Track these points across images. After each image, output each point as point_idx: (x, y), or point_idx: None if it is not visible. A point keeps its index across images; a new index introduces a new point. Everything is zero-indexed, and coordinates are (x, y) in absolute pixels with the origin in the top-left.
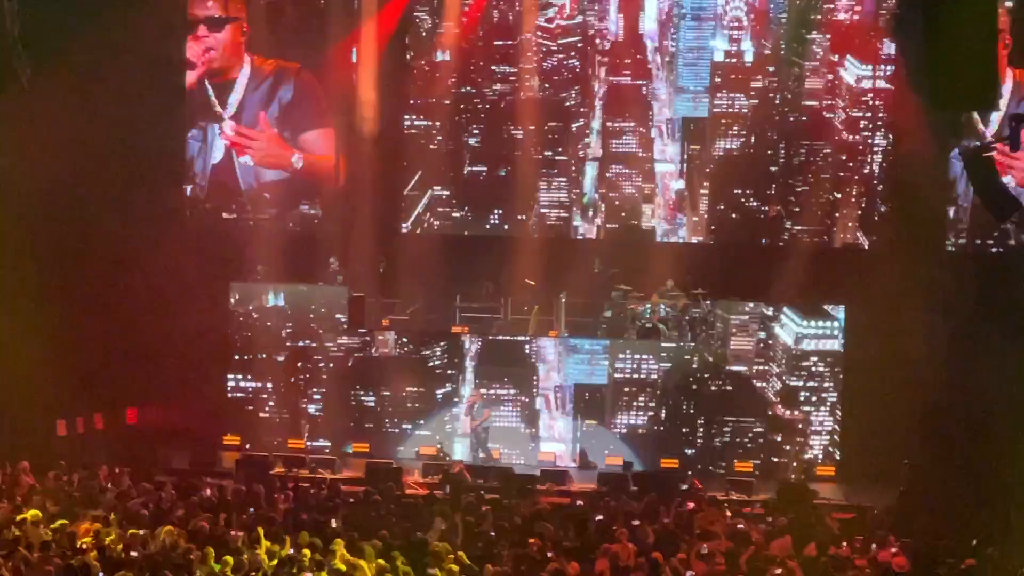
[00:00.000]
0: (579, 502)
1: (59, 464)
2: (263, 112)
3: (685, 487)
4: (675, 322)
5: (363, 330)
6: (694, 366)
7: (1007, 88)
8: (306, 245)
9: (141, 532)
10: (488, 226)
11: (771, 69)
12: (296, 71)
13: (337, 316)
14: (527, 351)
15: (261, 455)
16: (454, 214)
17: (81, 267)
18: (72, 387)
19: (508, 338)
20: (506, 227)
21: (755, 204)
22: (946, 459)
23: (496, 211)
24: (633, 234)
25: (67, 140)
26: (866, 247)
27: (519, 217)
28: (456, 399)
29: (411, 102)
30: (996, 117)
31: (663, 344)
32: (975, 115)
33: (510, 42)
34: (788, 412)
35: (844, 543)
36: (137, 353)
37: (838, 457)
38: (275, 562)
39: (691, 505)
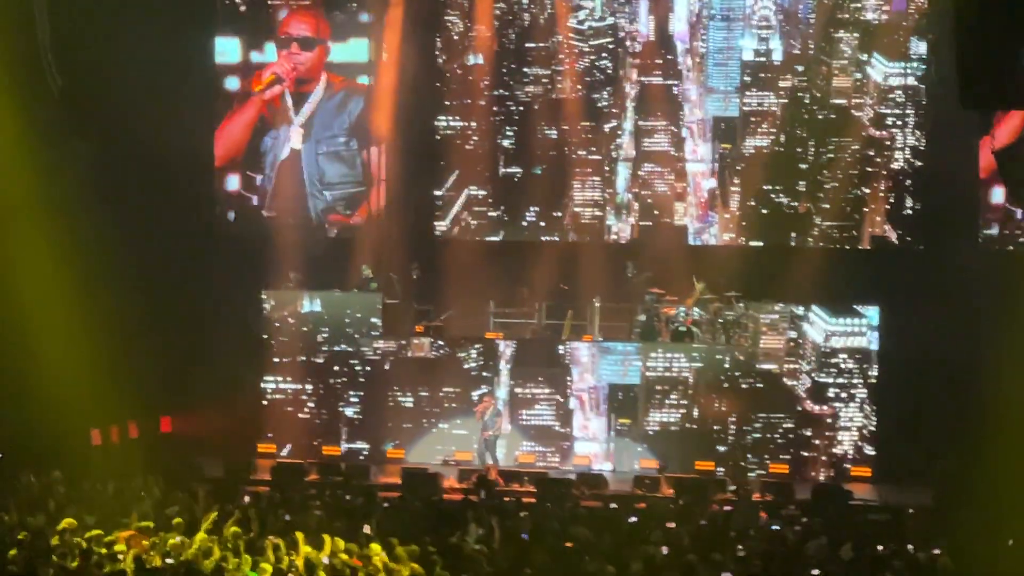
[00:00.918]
0: (612, 505)
1: (94, 473)
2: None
3: (733, 488)
4: (708, 325)
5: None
6: (725, 365)
7: None
8: (340, 251)
9: (177, 540)
10: (524, 223)
11: (800, 68)
12: (364, 90)
13: (373, 320)
14: (561, 352)
15: (296, 462)
16: (490, 213)
17: (112, 276)
18: (106, 396)
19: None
20: (542, 225)
21: (785, 200)
22: (982, 459)
23: (531, 210)
24: (666, 231)
25: (98, 150)
26: (895, 240)
27: (554, 215)
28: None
29: (446, 103)
30: None
31: (695, 345)
32: None
33: (542, 44)
34: (817, 408)
35: (879, 545)
36: (170, 361)
37: (870, 452)
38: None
39: (727, 507)
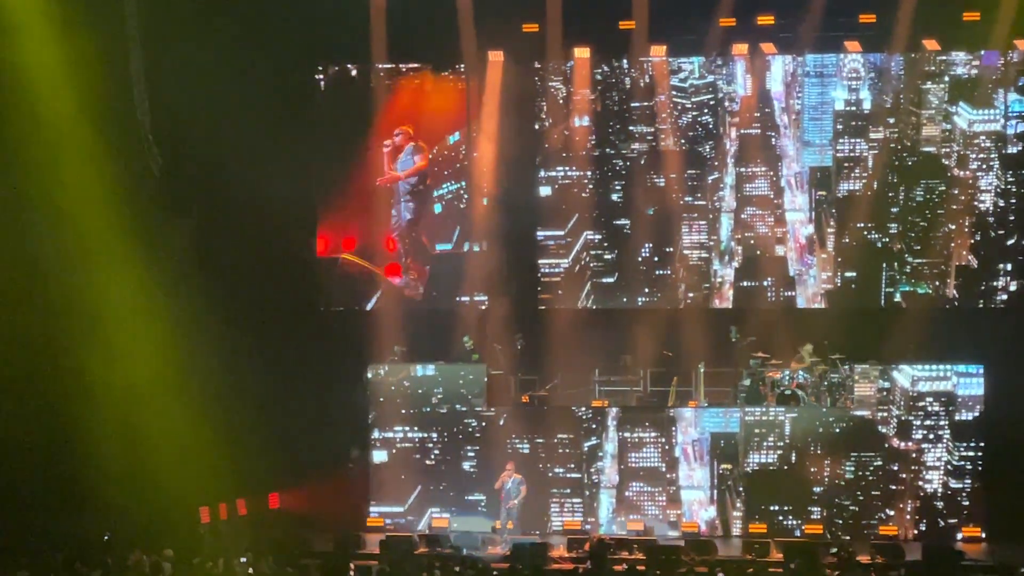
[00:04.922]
0: (719, 573)
1: (204, 550)
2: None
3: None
4: (813, 388)
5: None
6: (822, 410)
7: None
8: (443, 323)
9: None
10: (639, 259)
11: (891, 120)
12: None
13: (485, 380)
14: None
15: (405, 535)
16: (606, 256)
17: (218, 353)
18: (214, 474)
19: None
20: (655, 260)
21: (877, 236)
22: None
23: (646, 246)
24: (768, 265)
25: (199, 226)
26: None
27: (666, 249)
28: (600, 452)
29: (563, 155)
30: None
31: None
32: None
33: (646, 103)
34: (903, 444)
35: None
36: (277, 437)
37: (956, 486)
38: None
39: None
